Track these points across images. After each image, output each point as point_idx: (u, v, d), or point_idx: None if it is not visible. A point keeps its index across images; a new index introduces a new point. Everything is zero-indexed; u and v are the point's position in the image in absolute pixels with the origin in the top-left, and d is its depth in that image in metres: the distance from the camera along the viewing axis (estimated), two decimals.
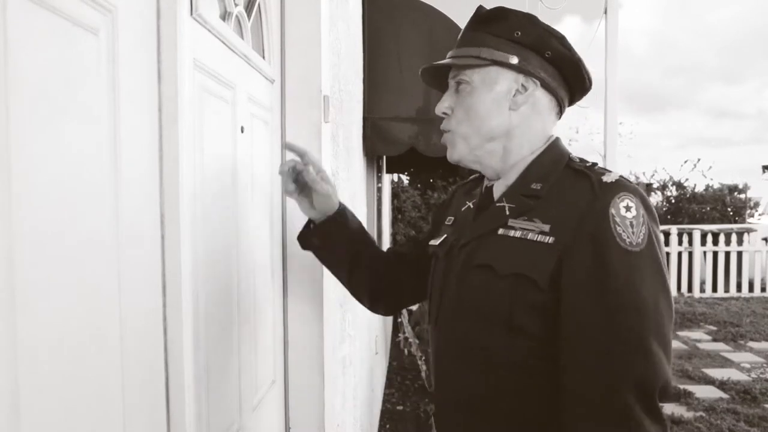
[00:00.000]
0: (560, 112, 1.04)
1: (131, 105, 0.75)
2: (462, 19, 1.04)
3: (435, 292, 1.09)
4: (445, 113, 1.02)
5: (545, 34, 0.96)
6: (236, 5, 1.25)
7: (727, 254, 9.21)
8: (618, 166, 3.50)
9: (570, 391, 0.86)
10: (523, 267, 0.90)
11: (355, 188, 2.63)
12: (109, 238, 0.69)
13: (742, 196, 14.27)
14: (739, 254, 9.23)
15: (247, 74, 1.28)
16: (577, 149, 14.90)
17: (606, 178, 0.90)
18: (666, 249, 9.16)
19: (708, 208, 13.76)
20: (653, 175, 14.69)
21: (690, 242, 9.25)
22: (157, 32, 0.83)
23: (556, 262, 0.87)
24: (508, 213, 0.96)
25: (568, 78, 1.00)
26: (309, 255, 1.57)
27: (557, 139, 1.02)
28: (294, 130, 1.55)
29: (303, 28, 1.53)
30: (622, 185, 0.89)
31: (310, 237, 1.29)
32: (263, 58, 1.44)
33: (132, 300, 0.74)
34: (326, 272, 1.59)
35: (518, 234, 0.92)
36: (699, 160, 14.56)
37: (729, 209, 13.93)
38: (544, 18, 0.99)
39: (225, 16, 1.20)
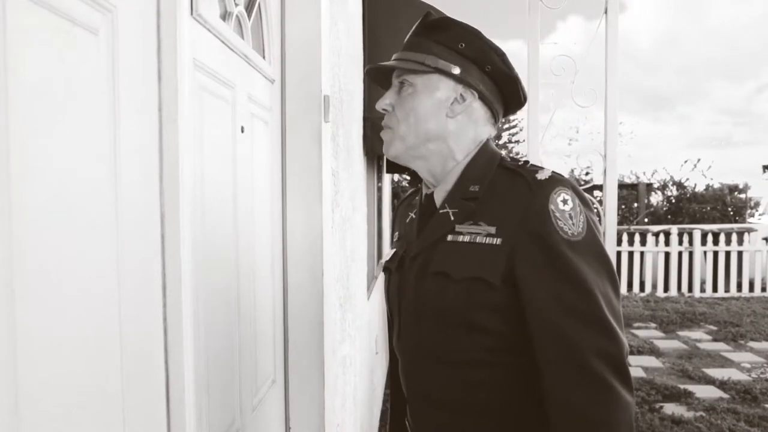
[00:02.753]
0: (495, 123, 1.10)
1: (131, 105, 0.74)
2: (462, 19, 1.05)
3: (393, 307, 1.13)
4: (385, 109, 1.06)
5: (487, 49, 1.02)
6: (236, 5, 1.24)
7: (728, 254, 9.20)
8: (618, 165, 3.49)
9: (546, 371, 0.92)
10: (477, 270, 0.95)
11: (355, 188, 2.63)
12: (109, 237, 0.69)
13: (743, 195, 14.28)
14: (740, 254, 9.22)
15: (248, 74, 1.28)
16: (577, 149, 14.95)
17: (540, 176, 0.95)
18: (666, 249, 9.17)
19: (708, 208, 13.77)
20: (653, 174, 14.70)
21: (690, 242, 9.24)
22: (157, 32, 0.83)
23: (506, 262, 0.93)
24: (453, 218, 1.00)
25: (504, 92, 1.06)
26: (309, 254, 1.57)
27: (487, 140, 1.07)
28: (294, 130, 1.55)
29: (303, 28, 1.53)
30: (556, 180, 0.95)
31: None
32: (263, 57, 1.44)
33: (132, 299, 0.74)
34: (326, 272, 1.59)
35: (467, 238, 0.97)
36: (699, 160, 14.59)
37: (729, 209, 13.95)
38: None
39: (225, 15, 1.20)
